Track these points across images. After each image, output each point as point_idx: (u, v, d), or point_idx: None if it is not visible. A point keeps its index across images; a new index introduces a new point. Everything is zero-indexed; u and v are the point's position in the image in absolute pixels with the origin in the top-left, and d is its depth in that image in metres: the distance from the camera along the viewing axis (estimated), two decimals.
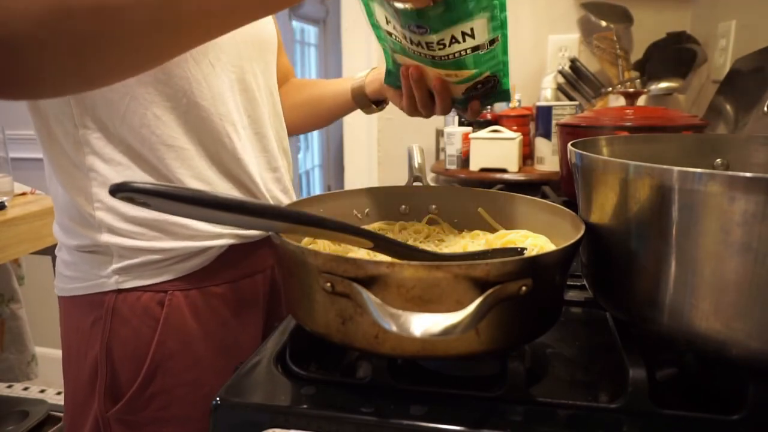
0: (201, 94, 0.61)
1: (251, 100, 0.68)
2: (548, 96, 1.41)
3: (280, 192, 0.74)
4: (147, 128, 0.60)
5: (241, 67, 0.66)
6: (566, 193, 0.97)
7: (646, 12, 1.50)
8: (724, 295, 0.37)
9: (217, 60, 0.63)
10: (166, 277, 0.63)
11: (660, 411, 0.40)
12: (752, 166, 0.57)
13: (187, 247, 0.63)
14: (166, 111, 0.60)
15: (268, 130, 0.71)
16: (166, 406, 0.64)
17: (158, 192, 0.37)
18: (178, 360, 0.64)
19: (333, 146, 3.94)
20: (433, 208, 0.64)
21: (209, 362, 0.66)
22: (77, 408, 0.67)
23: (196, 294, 0.65)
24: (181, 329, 0.64)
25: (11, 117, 2.04)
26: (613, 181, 0.43)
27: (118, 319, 0.63)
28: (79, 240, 0.63)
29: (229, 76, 0.64)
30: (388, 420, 0.40)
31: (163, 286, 0.63)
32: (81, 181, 0.61)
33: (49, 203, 1.32)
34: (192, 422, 0.65)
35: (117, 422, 0.64)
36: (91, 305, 0.64)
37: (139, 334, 0.63)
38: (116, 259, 0.62)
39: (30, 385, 2.22)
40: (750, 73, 0.98)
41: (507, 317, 0.41)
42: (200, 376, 0.66)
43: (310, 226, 0.43)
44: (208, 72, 0.62)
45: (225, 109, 0.63)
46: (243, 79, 0.66)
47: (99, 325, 0.63)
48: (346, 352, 0.51)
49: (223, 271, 0.67)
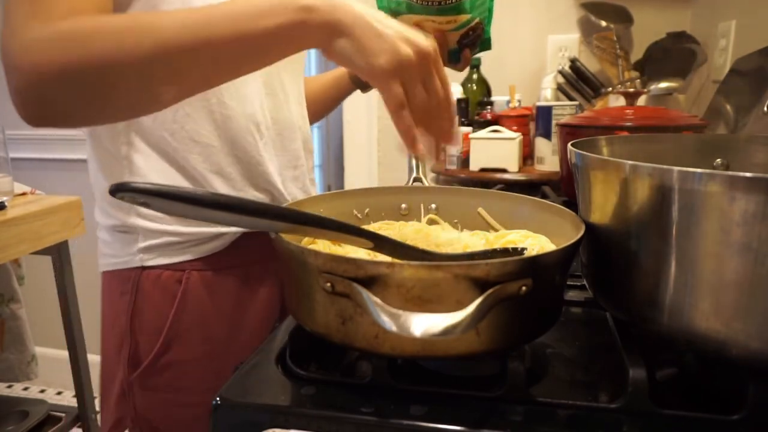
0: (230, 95, 0.67)
1: (276, 103, 0.73)
2: (548, 96, 1.41)
3: (299, 190, 0.78)
4: (178, 123, 0.66)
5: (269, 73, 0.72)
6: (566, 193, 0.97)
7: (646, 12, 1.50)
8: (724, 295, 0.37)
9: None
10: (184, 258, 0.69)
11: (660, 411, 0.40)
12: (752, 166, 0.57)
13: (203, 231, 0.69)
14: (197, 109, 0.66)
15: (291, 132, 0.76)
16: (180, 376, 0.70)
17: (158, 192, 0.38)
18: (192, 334, 0.70)
19: (333, 146, 3.94)
20: (433, 208, 0.64)
21: (222, 339, 0.72)
22: (109, 373, 0.73)
23: (211, 275, 0.70)
24: (196, 306, 0.70)
25: (11, 117, 2.04)
26: (613, 181, 0.43)
27: (141, 293, 0.69)
28: (113, 221, 0.70)
29: (257, 80, 0.70)
30: (388, 420, 0.40)
31: (182, 266, 0.69)
32: (117, 168, 0.68)
33: (49, 203, 1.33)
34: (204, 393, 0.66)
35: (138, 387, 0.70)
36: (121, 280, 0.70)
37: (159, 308, 0.69)
38: (141, 239, 0.69)
39: (30, 385, 2.22)
40: (750, 73, 0.98)
41: (507, 317, 0.41)
42: (212, 351, 0.71)
43: (310, 226, 0.44)
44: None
45: (251, 109, 0.69)
46: (270, 83, 0.72)
47: (126, 297, 0.70)
48: (346, 352, 0.51)
49: (238, 255, 0.72)
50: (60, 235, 1.35)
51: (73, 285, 1.44)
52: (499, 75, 1.61)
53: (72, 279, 1.44)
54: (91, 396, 1.52)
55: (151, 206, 0.39)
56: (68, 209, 1.36)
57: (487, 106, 1.43)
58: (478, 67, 1.56)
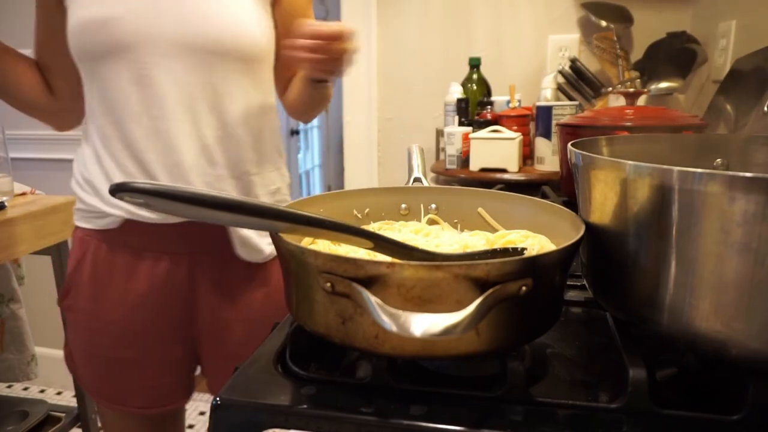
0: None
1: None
2: (548, 96, 1.41)
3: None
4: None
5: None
6: (566, 193, 0.97)
7: (646, 12, 1.50)
8: (724, 295, 0.37)
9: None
10: (91, 226, 0.87)
11: (660, 411, 0.40)
12: (752, 166, 0.57)
13: (96, 207, 0.84)
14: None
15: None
16: (72, 319, 0.91)
17: (158, 192, 0.38)
18: (82, 289, 0.88)
19: (333, 146, 3.94)
20: (433, 208, 0.64)
21: (105, 305, 0.87)
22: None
23: (106, 247, 0.87)
24: (91, 268, 0.87)
25: (11, 117, 2.04)
26: (613, 181, 0.43)
27: (72, 245, 0.91)
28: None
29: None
30: (388, 420, 0.40)
31: (89, 232, 0.87)
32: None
33: (49, 203, 1.33)
34: (85, 343, 0.91)
35: (63, 313, 0.93)
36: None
37: (73, 260, 0.90)
38: (78, 203, 0.89)
39: (30, 385, 2.22)
40: (750, 73, 0.98)
41: (507, 317, 0.41)
42: (95, 310, 0.88)
43: (310, 226, 0.43)
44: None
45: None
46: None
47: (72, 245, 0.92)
48: (346, 352, 0.51)
49: (129, 237, 0.85)
50: (60, 235, 1.36)
51: None
52: (499, 75, 1.61)
53: None
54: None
55: (151, 206, 0.39)
56: (68, 209, 1.36)
57: (487, 106, 1.43)
58: (478, 67, 1.56)
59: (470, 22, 1.66)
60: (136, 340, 0.88)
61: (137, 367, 0.89)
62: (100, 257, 0.87)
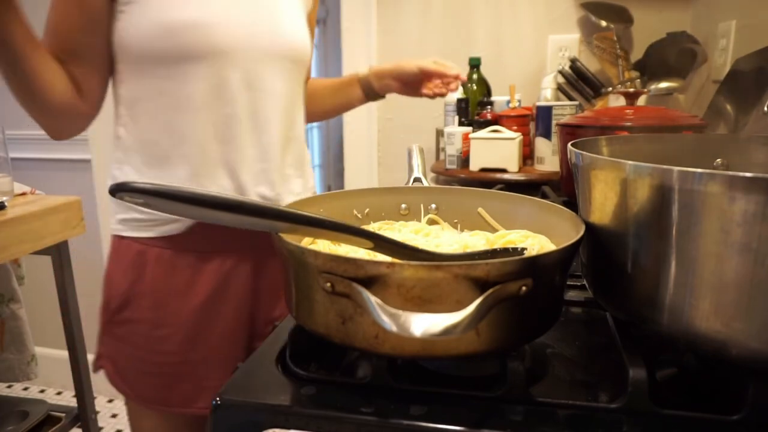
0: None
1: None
2: (548, 96, 1.41)
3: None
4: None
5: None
6: (566, 193, 0.97)
7: (646, 12, 1.50)
8: (724, 295, 0.37)
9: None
10: (148, 234, 0.82)
11: (660, 411, 0.40)
12: (752, 166, 0.57)
13: (162, 214, 0.76)
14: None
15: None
16: (132, 332, 0.84)
17: (157, 192, 0.38)
18: (144, 300, 0.83)
19: (333, 146, 3.94)
20: (433, 208, 0.64)
21: (170, 311, 0.83)
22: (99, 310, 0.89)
23: (170, 253, 0.82)
24: (152, 277, 0.82)
25: (11, 117, 2.04)
26: (613, 181, 0.43)
27: (116, 257, 0.85)
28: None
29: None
30: (388, 420, 0.40)
31: (146, 241, 0.82)
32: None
33: (49, 203, 1.33)
34: (149, 353, 0.85)
35: (106, 332, 0.87)
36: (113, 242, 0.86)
37: (125, 272, 0.83)
38: (120, 213, 0.84)
39: (30, 385, 2.22)
40: (750, 73, 0.98)
41: (507, 317, 0.41)
42: (159, 318, 0.83)
43: (310, 226, 0.43)
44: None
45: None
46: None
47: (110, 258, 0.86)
48: (346, 352, 0.51)
49: (196, 239, 0.82)
50: (60, 235, 1.35)
51: (73, 285, 1.44)
52: (499, 75, 1.61)
53: (72, 279, 1.44)
54: (90, 396, 1.52)
55: (151, 206, 0.39)
56: (68, 209, 1.36)
57: (487, 106, 1.43)
58: (478, 67, 1.56)
59: (470, 22, 1.66)
60: (202, 342, 0.86)
61: (204, 368, 0.87)
62: (164, 264, 0.83)
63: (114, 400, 2.14)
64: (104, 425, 1.98)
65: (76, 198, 1.39)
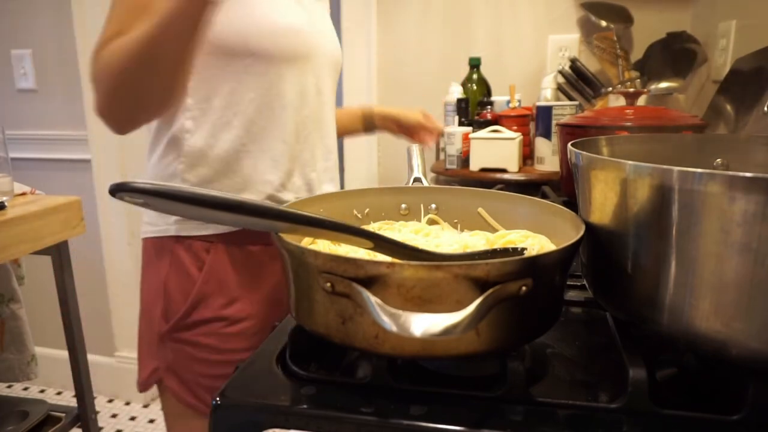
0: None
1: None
2: (548, 96, 1.41)
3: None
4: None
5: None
6: (566, 193, 0.97)
7: (646, 12, 1.50)
8: (724, 295, 0.37)
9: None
10: (211, 231, 0.81)
11: (660, 411, 0.40)
12: (752, 166, 0.57)
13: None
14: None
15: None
16: (203, 334, 0.82)
17: (157, 192, 0.38)
18: (215, 298, 0.81)
19: None
20: (433, 208, 0.64)
21: (241, 306, 0.83)
22: (146, 326, 0.86)
23: (235, 248, 0.82)
24: (220, 274, 0.82)
25: (11, 117, 2.04)
26: (613, 181, 0.43)
27: (175, 259, 0.82)
28: None
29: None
30: (388, 420, 0.40)
31: (209, 238, 0.81)
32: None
33: (49, 203, 1.33)
34: (222, 352, 0.82)
35: (169, 339, 0.82)
36: (158, 245, 0.83)
37: (188, 273, 0.81)
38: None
39: (30, 385, 2.22)
40: (750, 73, 0.98)
41: (507, 317, 0.41)
42: (232, 316, 0.82)
43: (310, 226, 0.43)
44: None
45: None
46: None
47: (162, 261, 0.82)
48: (346, 352, 0.51)
49: (261, 233, 0.77)
50: (60, 235, 1.35)
51: (73, 285, 1.44)
52: (499, 75, 1.61)
53: (72, 279, 1.44)
54: (90, 396, 1.52)
55: (151, 206, 0.39)
56: (68, 209, 1.36)
57: (487, 106, 1.43)
58: (478, 67, 1.56)
59: (470, 22, 1.66)
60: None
61: None
62: (232, 259, 0.83)
63: (114, 400, 2.14)
64: (104, 425, 1.98)
65: (76, 198, 1.39)
